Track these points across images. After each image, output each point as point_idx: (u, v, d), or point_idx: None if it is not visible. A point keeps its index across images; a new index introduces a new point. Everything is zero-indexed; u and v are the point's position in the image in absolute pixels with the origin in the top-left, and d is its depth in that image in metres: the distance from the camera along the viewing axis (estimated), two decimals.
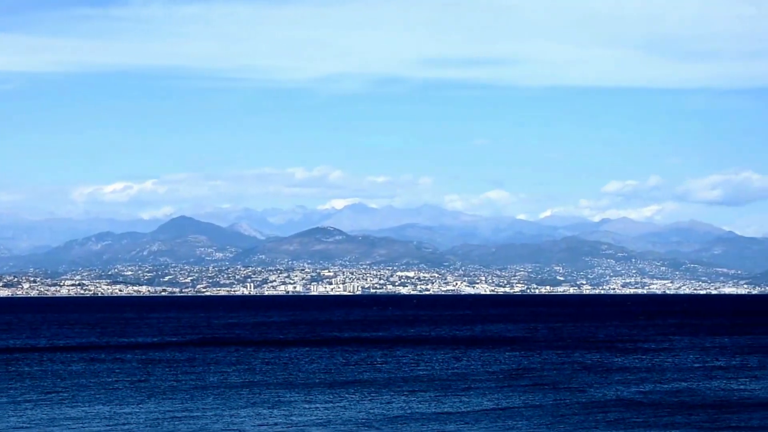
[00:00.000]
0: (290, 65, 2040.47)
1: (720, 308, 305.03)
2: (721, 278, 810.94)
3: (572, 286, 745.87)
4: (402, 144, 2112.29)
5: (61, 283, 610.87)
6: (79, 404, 64.30)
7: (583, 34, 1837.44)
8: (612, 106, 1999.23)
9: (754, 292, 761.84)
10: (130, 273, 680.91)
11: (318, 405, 63.59)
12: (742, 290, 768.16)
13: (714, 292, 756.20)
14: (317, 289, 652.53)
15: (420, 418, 58.02)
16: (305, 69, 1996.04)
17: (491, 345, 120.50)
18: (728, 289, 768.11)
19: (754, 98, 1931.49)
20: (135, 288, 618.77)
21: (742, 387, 73.79)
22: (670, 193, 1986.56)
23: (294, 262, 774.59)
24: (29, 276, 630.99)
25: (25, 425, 55.85)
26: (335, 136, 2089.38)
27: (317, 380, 78.79)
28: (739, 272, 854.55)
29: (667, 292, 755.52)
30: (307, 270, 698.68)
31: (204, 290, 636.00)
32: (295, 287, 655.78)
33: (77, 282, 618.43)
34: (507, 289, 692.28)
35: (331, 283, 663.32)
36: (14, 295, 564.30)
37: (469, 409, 61.62)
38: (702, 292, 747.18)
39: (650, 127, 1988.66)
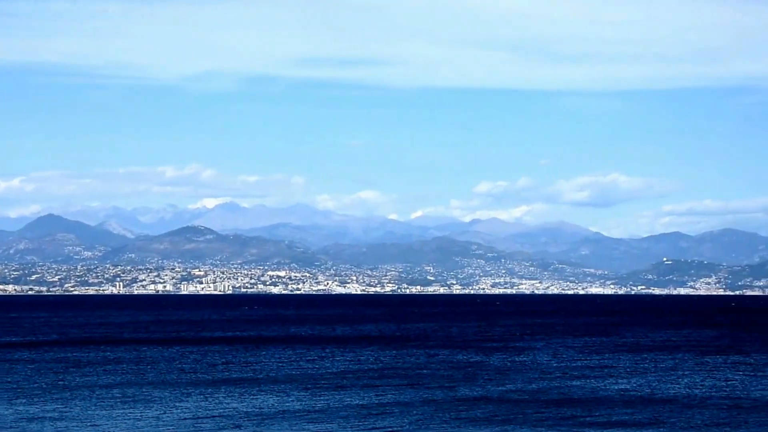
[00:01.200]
0: (161, 63, 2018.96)
1: (586, 308, 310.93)
2: (588, 278, 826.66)
3: (442, 285, 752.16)
4: (274, 143, 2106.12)
5: None
6: None
7: (455, 36, 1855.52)
8: (483, 108, 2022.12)
9: (620, 292, 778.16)
10: None
11: (187, 403, 62.86)
12: (609, 290, 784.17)
13: (581, 292, 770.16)
14: (187, 289, 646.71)
15: (289, 415, 57.78)
16: (177, 67, 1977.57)
17: (361, 343, 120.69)
18: (595, 289, 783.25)
19: (622, 101, 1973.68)
20: (1, 287, 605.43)
21: (604, 385, 75.13)
22: (539, 194, 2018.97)
23: (164, 261, 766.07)
24: None
25: None
26: (207, 134, 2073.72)
27: (187, 379, 77.93)
28: (606, 272, 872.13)
29: (536, 292, 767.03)
30: (177, 269, 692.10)
31: (72, 289, 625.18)
32: (165, 286, 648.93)
33: None
34: (378, 289, 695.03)
35: (201, 283, 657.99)
36: None
37: (339, 405, 61.57)
38: (569, 292, 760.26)
39: (520, 129, 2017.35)
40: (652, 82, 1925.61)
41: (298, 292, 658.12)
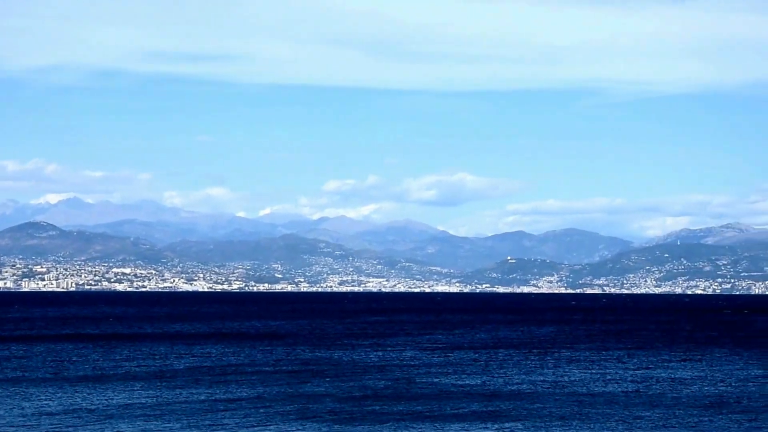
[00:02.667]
0: (4, 54, 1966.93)
1: (435, 306, 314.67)
2: (435, 276, 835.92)
3: (290, 283, 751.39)
4: (121, 138, 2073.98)
5: None
6: None
7: (305, 33, 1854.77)
8: (332, 106, 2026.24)
9: (465, 290, 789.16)
10: None
11: (31, 401, 61.97)
12: (454, 288, 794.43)
13: (427, 290, 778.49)
14: (29, 286, 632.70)
15: (130, 411, 57.51)
16: (21, 59, 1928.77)
17: (209, 340, 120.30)
18: (441, 287, 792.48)
19: (469, 101, 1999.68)
20: None
21: (449, 380, 76.56)
22: (387, 192, 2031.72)
23: (4, 257, 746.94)
24: None
25: None
26: (51, 128, 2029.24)
27: (31, 377, 76.74)
28: (452, 271, 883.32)
29: (383, 289, 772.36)
30: (18, 266, 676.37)
31: None
32: (5, 283, 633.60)
33: None
34: (225, 287, 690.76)
35: (43, 279, 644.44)
36: None
37: (182, 401, 61.50)
38: (416, 290, 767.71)
39: (369, 127, 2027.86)
40: (498, 83, 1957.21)
41: (144, 290, 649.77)
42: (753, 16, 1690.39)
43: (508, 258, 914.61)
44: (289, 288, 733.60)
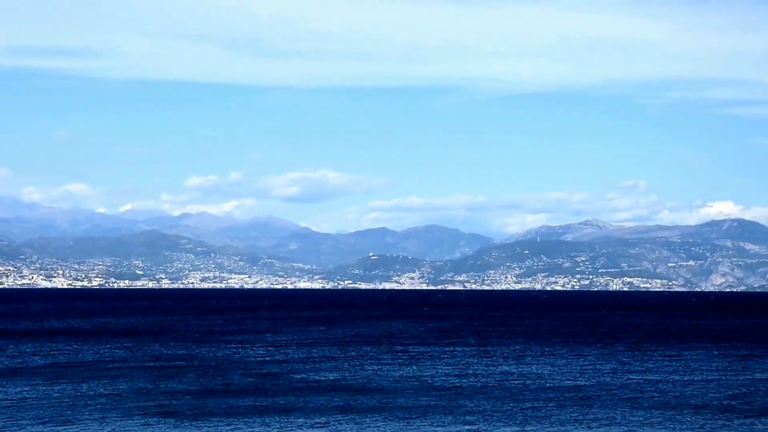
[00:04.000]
0: None
1: (298, 303, 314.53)
2: (297, 273, 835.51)
3: (151, 280, 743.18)
4: None
5: None
6: None
7: (166, 28, 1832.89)
8: (194, 102, 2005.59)
9: (328, 286, 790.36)
10: None
11: None
12: (317, 284, 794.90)
13: (290, 286, 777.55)
14: None
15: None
16: None
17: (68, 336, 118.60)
18: (303, 284, 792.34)
19: (331, 97, 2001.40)
20: None
21: (315, 375, 76.99)
22: (249, 188, 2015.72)
23: None
24: None
25: None
26: None
27: None
28: (314, 267, 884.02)
29: (245, 286, 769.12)
30: None
31: None
32: None
33: None
34: (85, 283, 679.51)
35: None
36: None
37: (36, 396, 60.70)
38: (278, 287, 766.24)
39: (231, 123, 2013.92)
40: (361, 80, 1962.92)
41: (1, 287, 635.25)
42: (608, 16, 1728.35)
43: (371, 254, 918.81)
44: (150, 285, 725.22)
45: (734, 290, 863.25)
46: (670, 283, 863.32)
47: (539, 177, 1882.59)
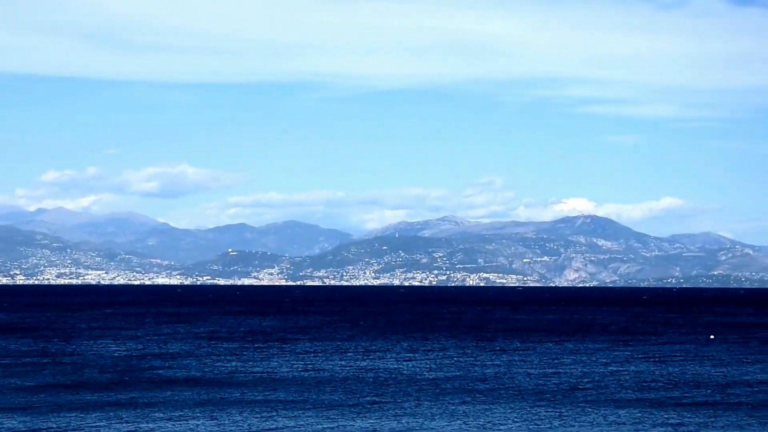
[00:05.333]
0: None
1: (159, 299, 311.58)
2: (155, 269, 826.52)
3: (6, 276, 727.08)
4: None
5: None
6: None
7: (22, 21, 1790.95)
8: (51, 95, 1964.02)
9: (186, 282, 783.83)
10: None
11: None
12: (175, 280, 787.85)
13: (148, 282, 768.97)
14: None
15: None
16: None
17: None
18: (161, 280, 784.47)
19: (191, 92, 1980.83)
20: None
21: (176, 371, 76.89)
22: (107, 183, 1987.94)
23: None
24: None
25: None
26: None
27: None
28: (172, 263, 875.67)
29: (102, 282, 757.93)
30: None
31: None
32: None
33: None
34: None
35: None
36: None
37: None
38: (136, 283, 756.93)
39: (89, 118, 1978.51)
40: (220, 75, 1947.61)
41: None
42: (468, 15, 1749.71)
43: (230, 250, 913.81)
44: (5, 281, 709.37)
45: (587, 285, 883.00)
46: (525, 279, 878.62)
47: (398, 173, 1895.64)
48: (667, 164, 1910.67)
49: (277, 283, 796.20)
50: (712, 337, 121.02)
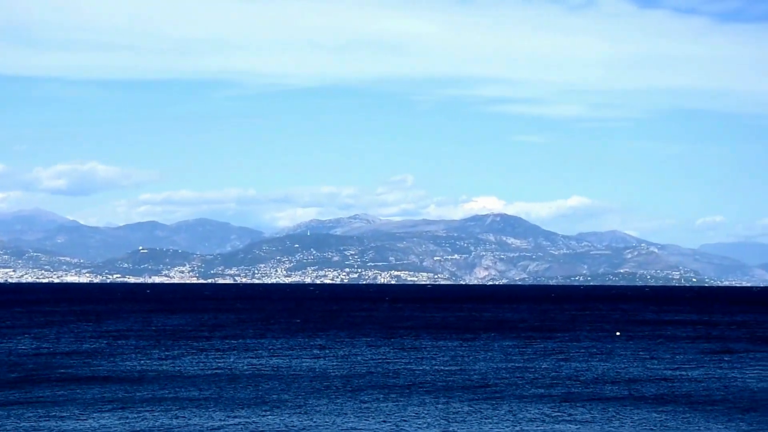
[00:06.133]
0: None
1: (69, 297, 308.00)
2: (64, 267, 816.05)
3: None
4: None
5: None
6: None
7: None
8: None
9: (96, 280, 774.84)
10: None
11: None
12: (84, 278, 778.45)
13: (57, 280, 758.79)
14: None
15: None
16: None
17: None
18: (71, 278, 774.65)
19: (101, 89, 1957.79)
20: None
21: (80, 368, 76.45)
22: (15, 181, 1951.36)
23: None
24: None
25: None
26: None
27: None
28: (82, 261, 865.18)
29: (10, 280, 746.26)
30: None
31: None
32: None
33: None
34: None
35: None
36: None
37: None
38: (45, 281, 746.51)
39: None
40: (131, 72, 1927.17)
41: None
42: (381, 15, 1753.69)
43: (140, 248, 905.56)
44: None
45: (497, 283, 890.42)
46: (435, 277, 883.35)
47: (310, 171, 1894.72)
48: (575, 163, 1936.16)
49: (188, 281, 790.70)
50: (618, 334, 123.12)
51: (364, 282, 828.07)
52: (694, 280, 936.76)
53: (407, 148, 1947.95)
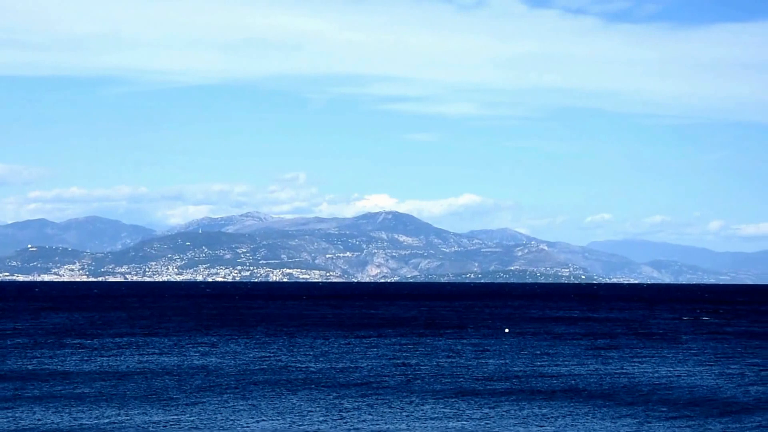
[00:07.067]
0: None
1: None
2: None
3: None
4: None
5: None
6: None
7: None
8: None
9: None
10: None
11: None
12: None
13: None
14: None
15: None
16: None
17: None
18: None
19: None
20: None
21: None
22: None
23: None
24: None
25: None
26: None
27: None
28: None
29: None
30: None
31: None
32: None
33: None
34: None
35: None
36: None
37: None
38: None
39: None
40: (19, 68, 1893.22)
41: None
42: (273, 12, 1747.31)
43: (29, 246, 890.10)
44: None
45: (389, 280, 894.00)
46: (328, 274, 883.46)
47: (202, 169, 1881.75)
48: (466, 162, 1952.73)
49: (78, 279, 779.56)
50: (507, 330, 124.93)
51: (257, 280, 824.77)
52: (582, 277, 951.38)
53: (300, 146, 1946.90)
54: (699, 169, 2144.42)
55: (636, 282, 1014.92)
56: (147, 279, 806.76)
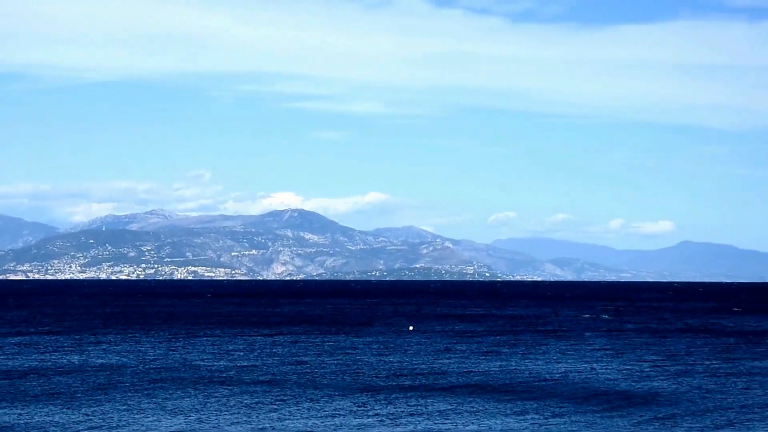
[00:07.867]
0: None
1: None
2: None
3: None
4: None
5: None
6: None
7: None
8: None
9: None
10: None
11: None
12: None
13: None
14: None
15: None
16: None
17: None
18: None
19: None
20: None
21: None
22: None
23: None
24: None
25: None
26: None
27: None
28: None
29: None
30: None
31: None
32: None
33: None
34: None
35: None
36: None
37: None
38: None
39: None
40: None
41: None
42: (177, 9, 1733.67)
43: None
44: None
45: (294, 278, 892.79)
46: (233, 272, 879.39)
47: (106, 166, 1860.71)
48: (372, 160, 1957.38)
49: None
50: (411, 328, 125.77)
51: (161, 278, 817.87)
52: (487, 274, 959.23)
53: (205, 143, 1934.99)
54: (601, 169, 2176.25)
55: (539, 279, 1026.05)
56: (49, 277, 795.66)
